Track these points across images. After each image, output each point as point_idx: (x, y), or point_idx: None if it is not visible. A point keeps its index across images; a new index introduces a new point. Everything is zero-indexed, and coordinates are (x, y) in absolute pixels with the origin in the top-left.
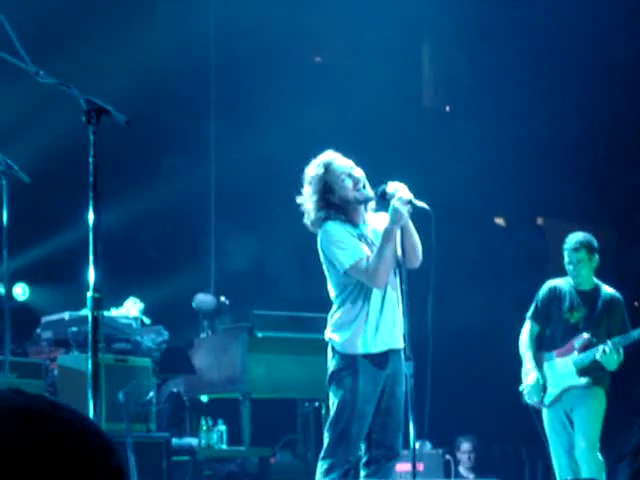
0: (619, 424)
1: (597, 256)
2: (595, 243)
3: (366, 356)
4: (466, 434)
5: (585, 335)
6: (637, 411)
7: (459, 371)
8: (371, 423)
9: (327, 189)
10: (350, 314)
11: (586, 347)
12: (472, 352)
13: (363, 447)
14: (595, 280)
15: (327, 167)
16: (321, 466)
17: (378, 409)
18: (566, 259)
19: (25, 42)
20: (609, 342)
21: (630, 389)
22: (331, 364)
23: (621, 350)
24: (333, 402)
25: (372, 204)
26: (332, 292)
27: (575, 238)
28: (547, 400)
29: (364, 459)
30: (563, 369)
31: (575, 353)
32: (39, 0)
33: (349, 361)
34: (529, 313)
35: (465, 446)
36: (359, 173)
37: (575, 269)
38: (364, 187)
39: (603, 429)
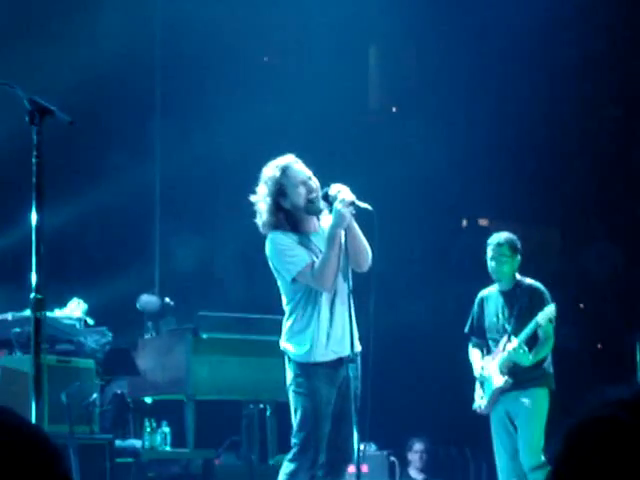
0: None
1: (519, 257)
2: (519, 244)
3: (320, 364)
4: (418, 435)
5: (506, 335)
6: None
7: (406, 372)
8: None
9: (281, 192)
10: (301, 323)
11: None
12: (417, 353)
13: None
14: (517, 277)
15: (284, 170)
16: (287, 467)
17: (332, 412)
18: (489, 254)
19: None
20: (514, 338)
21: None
22: (288, 372)
23: (549, 340)
24: (296, 409)
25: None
26: (284, 299)
27: (499, 235)
28: (483, 405)
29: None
30: (491, 372)
31: (500, 354)
32: None
33: (305, 368)
34: (467, 329)
35: (417, 446)
36: (315, 184)
37: (497, 265)
38: (316, 199)
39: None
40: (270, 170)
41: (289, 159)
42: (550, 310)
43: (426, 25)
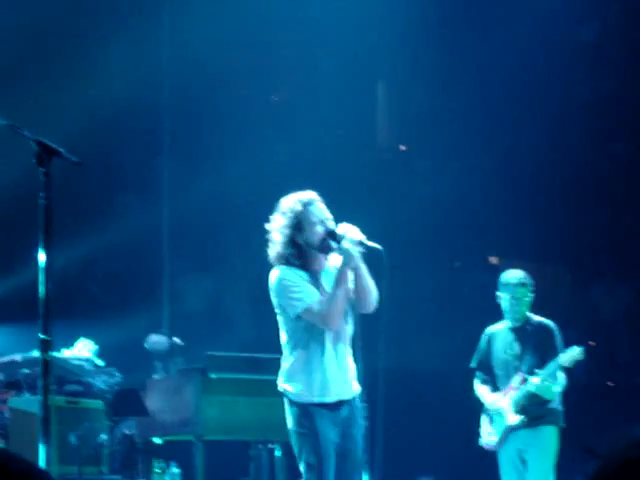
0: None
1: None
2: (532, 281)
3: (320, 405)
4: (426, 474)
5: (520, 373)
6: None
7: (416, 411)
8: None
9: (298, 227)
10: (301, 362)
11: (521, 383)
12: (427, 391)
13: None
14: (527, 314)
15: (306, 206)
16: None
17: (335, 452)
18: (509, 294)
19: None
20: (539, 372)
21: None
22: (289, 415)
23: (561, 378)
24: (301, 451)
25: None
26: (283, 337)
27: (518, 274)
28: (493, 442)
29: None
30: (503, 410)
31: (512, 392)
32: None
33: (306, 409)
34: (473, 364)
35: None
36: (332, 225)
37: (518, 305)
38: (333, 240)
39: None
40: (291, 202)
41: (312, 195)
42: (576, 352)
43: (435, 62)
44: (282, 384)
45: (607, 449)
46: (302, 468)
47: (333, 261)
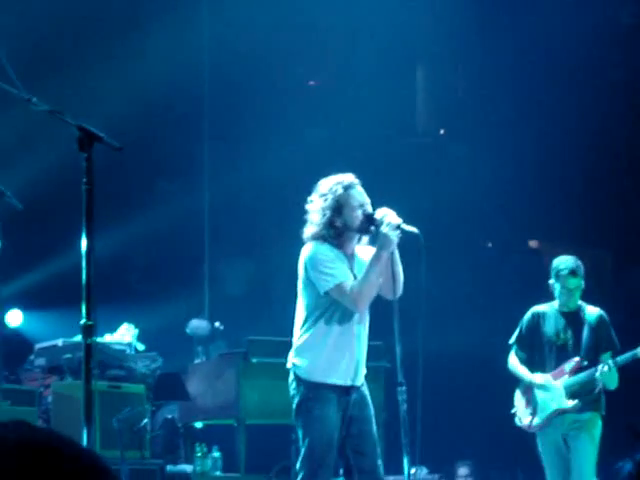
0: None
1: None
2: (583, 267)
3: (331, 386)
4: (463, 459)
5: (576, 358)
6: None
7: (455, 396)
8: (345, 450)
9: (337, 210)
10: (319, 339)
11: (577, 370)
12: (467, 377)
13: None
14: (578, 302)
15: (346, 189)
16: None
17: (349, 435)
18: (560, 284)
19: (18, 69)
20: (610, 361)
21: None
22: (296, 393)
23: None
24: (305, 433)
25: (365, 238)
26: (301, 313)
27: (570, 263)
28: (536, 423)
29: None
30: (553, 392)
31: (566, 377)
32: (31, 26)
33: (314, 390)
34: (513, 339)
35: (462, 471)
36: (370, 209)
37: (572, 294)
38: (372, 224)
39: (602, 454)
40: (332, 184)
41: (352, 179)
42: None
43: (474, 47)
44: (292, 358)
45: None
46: (303, 452)
47: (362, 252)
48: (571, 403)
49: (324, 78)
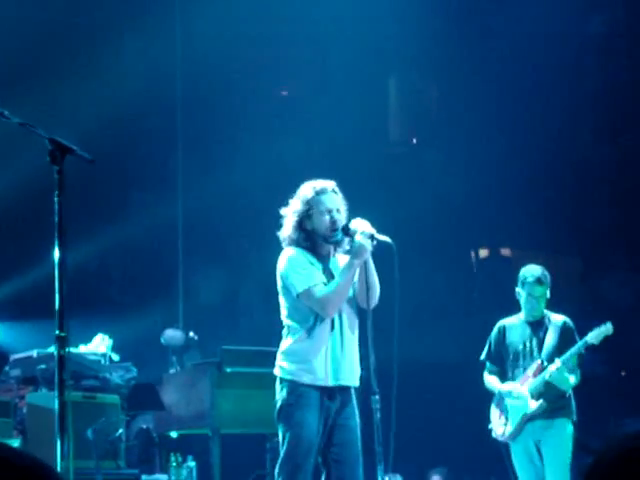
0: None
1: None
2: (550, 276)
3: (316, 388)
4: (437, 467)
5: (538, 361)
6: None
7: (429, 404)
8: (327, 459)
9: (307, 214)
10: (305, 343)
11: (539, 372)
12: (441, 386)
13: None
14: (544, 310)
15: (317, 194)
16: None
17: (331, 444)
18: (526, 292)
19: None
20: (556, 359)
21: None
22: (279, 396)
23: (578, 371)
24: (284, 437)
25: (346, 245)
26: (286, 319)
27: (536, 272)
28: (508, 432)
29: None
30: (519, 398)
31: (529, 380)
32: (3, 39)
33: (297, 393)
34: (483, 356)
35: (436, 479)
36: (340, 218)
37: (537, 302)
38: (338, 231)
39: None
40: (306, 189)
41: (327, 185)
42: (606, 328)
43: (445, 56)
44: (279, 362)
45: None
46: (282, 456)
47: (341, 259)
48: (535, 404)
49: (296, 88)
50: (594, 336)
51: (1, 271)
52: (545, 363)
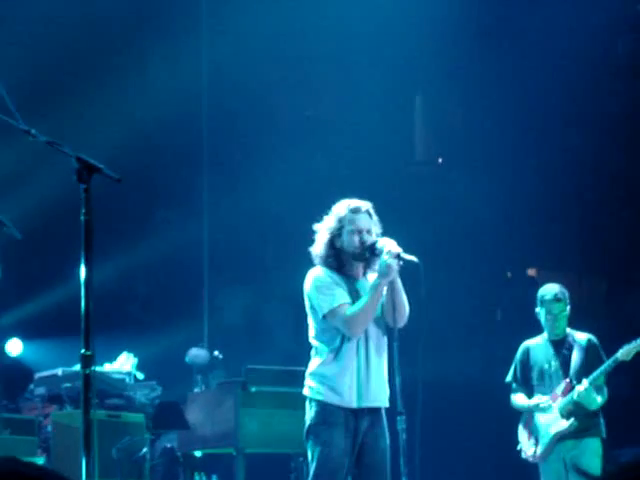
0: None
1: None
2: (568, 293)
3: (345, 409)
4: None
5: (567, 380)
6: None
7: (454, 425)
8: (355, 479)
9: (338, 232)
10: (331, 364)
11: (568, 391)
12: (466, 406)
13: None
14: (566, 329)
15: (350, 212)
16: None
17: (360, 465)
18: (545, 310)
19: (17, 100)
20: (584, 380)
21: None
22: (308, 416)
23: (604, 390)
24: (313, 457)
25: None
26: (314, 340)
27: (553, 290)
28: (539, 452)
29: None
30: (549, 418)
31: (559, 399)
32: (31, 58)
33: (326, 413)
34: (509, 378)
35: None
36: (369, 239)
37: (557, 320)
38: (367, 252)
39: None
40: (340, 207)
41: (362, 205)
42: (636, 345)
43: (472, 75)
44: (308, 382)
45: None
46: (310, 475)
47: (371, 278)
48: (566, 424)
49: (322, 107)
50: (625, 352)
51: (27, 289)
52: (574, 382)
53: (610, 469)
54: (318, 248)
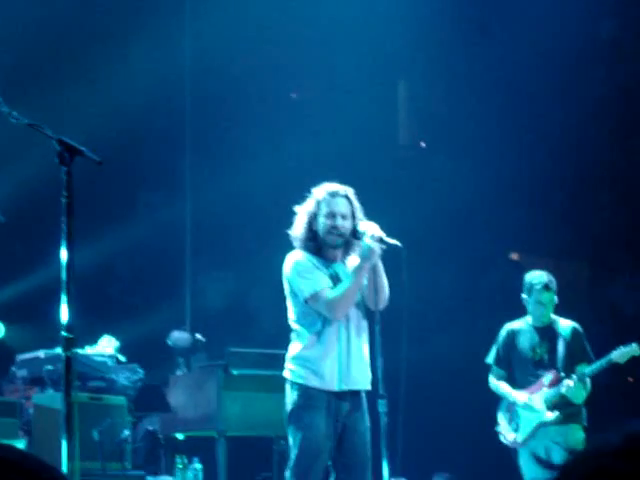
0: None
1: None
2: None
3: (324, 391)
4: (442, 471)
5: (553, 371)
6: None
7: (435, 408)
8: (336, 462)
9: (314, 214)
10: (313, 348)
11: (555, 382)
12: (448, 389)
13: None
14: (551, 316)
15: (328, 195)
16: None
17: (341, 448)
18: (534, 298)
19: None
20: (573, 375)
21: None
22: (289, 399)
23: (588, 382)
24: (294, 440)
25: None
26: (294, 324)
27: (543, 278)
28: (520, 438)
29: None
30: (534, 408)
31: (544, 389)
32: (13, 40)
33: (308, 396)
34: (491, 359)
35: None
36: (342, 224)
37: (545, 308)
38: (338, 238)
39: None
40: (319, 190)
41: (339, 189)
42: (633, 349)
43: (456, 60)
44: (289, 365)
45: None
46: (292, 460)
47: (351, 261)
48: (551, 415)
49: (305, 91)
50: (619, 355)
51: (8, 272)
52: (562, 374)
53: (573, 457)
54: (297, 231)
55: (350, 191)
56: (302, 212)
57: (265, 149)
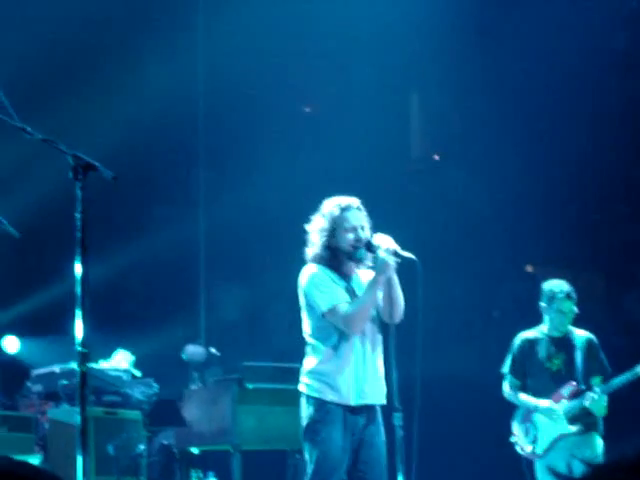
0: None
1: None
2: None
3: (343, 406)
4: None
5: (573, 383)
6: None
7: (450, 421)
8: (352, 476)
9: (331, 231)
10: (329, 362)
11: (575, 394)
12: (463, 402)
13: None
14: (569, 326)
15: (342, 211)
16: None
17: (357, 462)
18: (555, 307)
19: (12, 98)
20: (597, 389)
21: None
22: (305, 414)
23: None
24: (311, 455)
25: (368, 262)
26: (310, 337)
27: (565, 287)
28: (539, 450)
29: None
30: (555, 418)
31: (564, 401)
32: (27, 55)
33: (324, 410)
34: (505, 369)
35: None
36: (364, 235)
37: (566, 317)
38: (362, 248)
39: None
40: (331, 206)
41: (352, 202)
42: None
43: (469, 72)
44: (304, 379)
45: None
46: (309, 472)
47: (364, 275)
48: (573, 428)
49: (318, 104)
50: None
51: (23, 286)
52: (582, 386)
53: (596, 467)
54: (314, 249)
55: (359, 202)
56: (315, 231)
57: (278, 163)
